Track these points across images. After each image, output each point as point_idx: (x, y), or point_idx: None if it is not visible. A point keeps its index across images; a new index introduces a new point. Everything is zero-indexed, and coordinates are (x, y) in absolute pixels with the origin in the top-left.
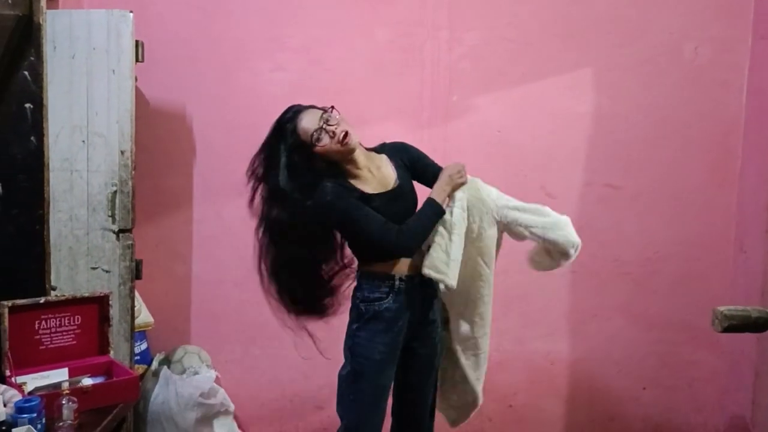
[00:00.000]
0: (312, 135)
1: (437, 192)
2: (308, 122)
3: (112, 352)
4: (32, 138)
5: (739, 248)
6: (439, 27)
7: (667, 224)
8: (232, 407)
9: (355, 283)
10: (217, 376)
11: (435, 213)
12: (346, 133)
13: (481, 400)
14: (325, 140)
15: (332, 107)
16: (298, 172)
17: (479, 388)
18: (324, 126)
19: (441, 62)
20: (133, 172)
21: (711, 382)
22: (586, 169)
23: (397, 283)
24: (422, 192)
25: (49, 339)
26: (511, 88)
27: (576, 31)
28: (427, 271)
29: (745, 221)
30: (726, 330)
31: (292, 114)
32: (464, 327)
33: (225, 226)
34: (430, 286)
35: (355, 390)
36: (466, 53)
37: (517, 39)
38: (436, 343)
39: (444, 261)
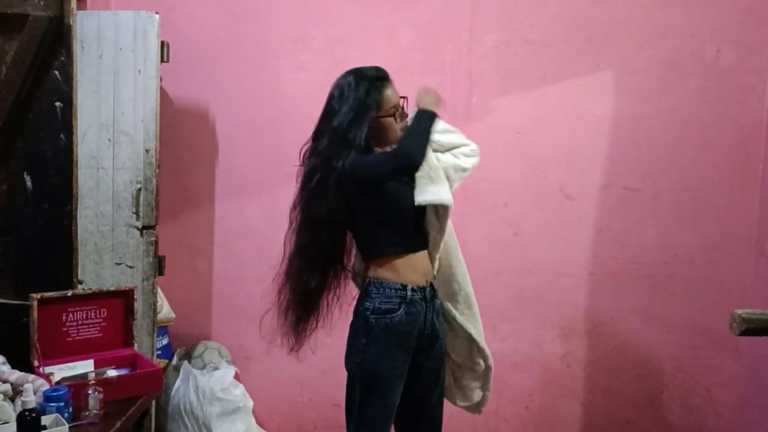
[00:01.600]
0: (393, 107)
1: (427, 105)
2: (394, 95)
3: (136, 345)
4: (62, 135)
5: (760, 252)
6: (460, 29)
7: (686, 227)
8: (250, 403)
9: (359, 295)
10: (236, 372)
11: (430, 116)
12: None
13: (491, 360)
14: (395, 120)
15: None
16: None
17: (485, 345)
18: (401, 107)
19: (462, 64)
20: (158, 170)
21: (729, 387)
22: (606, 172)
23: (409, 293)
24: None
25: (75, 331)
26: (531, 89)
27: (597, 33)
28: (420, 198)
29: (765, 225)
30: (744, 333)
31: (384, 77)
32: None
33: (246, 223)
34: (436, 297)
35: (364, 407)
36: (487, 55)
37: (537, 41)
38: (441, 355)
39: (433, 186)
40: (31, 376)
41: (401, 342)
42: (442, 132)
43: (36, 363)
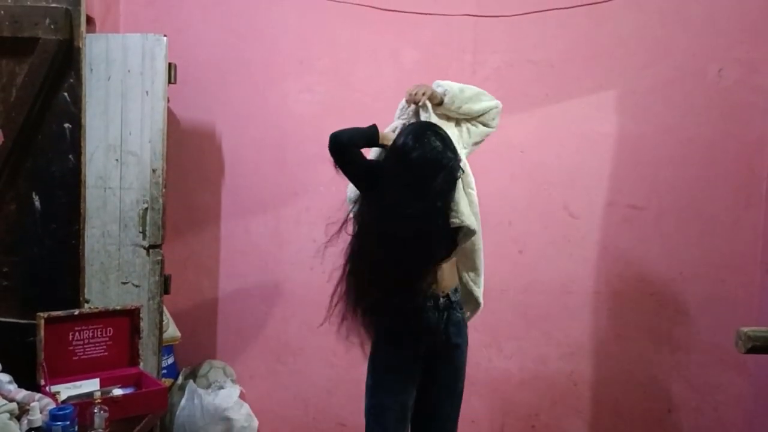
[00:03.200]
0: None
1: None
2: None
3: (141, 364)
4: (70, 156)
5: (766, 270)
6: (464, 50)
7: (691, 245)
8: (255, 423)
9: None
10: (241, 392)
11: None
12: None
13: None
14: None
15: None
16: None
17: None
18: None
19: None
20: (164, 190)
21: (737, 406)
22: (610, 190)
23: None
24: None
25: (81, 350)
26: (534, 109)
27: (599, 52)
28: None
29: None
30: (749, 351)
31: None
32: None
33: (252, 242)
34: (455, 308)
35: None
36: (490, 75)
37: (540, 61)
38: (459, 367)
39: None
40: (38, 395)
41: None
42: (468, 100)
43: (42, 382)
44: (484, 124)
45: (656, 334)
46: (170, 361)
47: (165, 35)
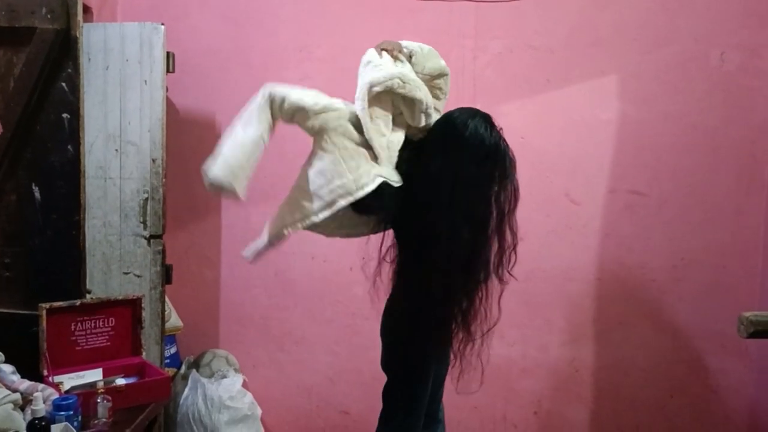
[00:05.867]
0: None
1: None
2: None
3: (144, 353)
4: (69, 146)
5: None
6: (464, 35)
7: (693, 231)
8: (259, 411)
9: None
10: (244, 380)
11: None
12: None
13: None
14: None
15: None
16: None
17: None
18: None
19: (466, 70)
20: (164, 180)
21: (739, 391)
22: (611, 176)
23: None
24: None
25: (84, 340)
26: (535, 95)
27: (601, 38)
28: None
29: None
30: (751, 336)
31: None
32: None
33: (252, 231)
34: None
35: None
36: (491, 61)
37: (541, 47)
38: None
39: None
40: (41, 385)
41: None
42: (429, 57)
43: (45, 372)
44: (436, 97)
45: (658, 320)
46: (173, 350)
47: (162, 24)
